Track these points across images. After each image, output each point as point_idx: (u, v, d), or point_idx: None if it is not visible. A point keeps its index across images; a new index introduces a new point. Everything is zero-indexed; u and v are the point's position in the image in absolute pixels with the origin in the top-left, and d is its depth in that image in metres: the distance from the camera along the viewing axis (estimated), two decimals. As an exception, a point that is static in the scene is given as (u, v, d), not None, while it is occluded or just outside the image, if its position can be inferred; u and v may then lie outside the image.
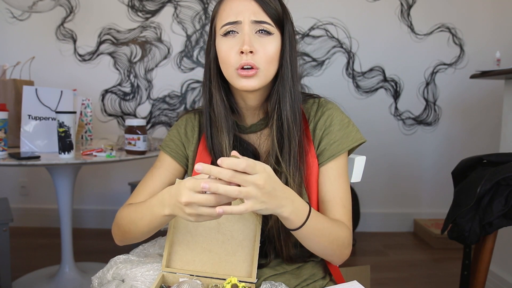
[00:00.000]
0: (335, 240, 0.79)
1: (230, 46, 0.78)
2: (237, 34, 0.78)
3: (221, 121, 0.85)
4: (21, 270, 2.06)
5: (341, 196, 0.84)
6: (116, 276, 0.87)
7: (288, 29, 0.81)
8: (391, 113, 2.94)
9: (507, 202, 1.16)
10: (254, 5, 0.78)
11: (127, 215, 0.84)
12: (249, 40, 0.77)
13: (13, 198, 2.79)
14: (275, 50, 0.79)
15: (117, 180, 2.93)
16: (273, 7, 0.79)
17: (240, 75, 0.78)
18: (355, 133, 0.87)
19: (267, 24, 0.78)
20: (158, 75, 2.85)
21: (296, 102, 0.83)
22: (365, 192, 2.89)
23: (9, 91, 1.72)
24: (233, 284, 0.75)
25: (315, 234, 0.76)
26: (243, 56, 0.77)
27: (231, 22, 0.78)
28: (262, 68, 0.78)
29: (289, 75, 0.81)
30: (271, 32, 0.79)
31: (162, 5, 2.80)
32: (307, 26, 2.84)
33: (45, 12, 2.26)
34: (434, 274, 2.27)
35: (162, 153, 0.95)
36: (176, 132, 0.95)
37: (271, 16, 0.78)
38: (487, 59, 2.72)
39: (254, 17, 0.77)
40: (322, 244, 0.78)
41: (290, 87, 0.82)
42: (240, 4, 0.78)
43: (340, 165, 0.86)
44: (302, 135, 0.85)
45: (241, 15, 0.77)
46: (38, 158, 1.47)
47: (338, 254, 0.82)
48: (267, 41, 0.78)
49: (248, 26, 0.77)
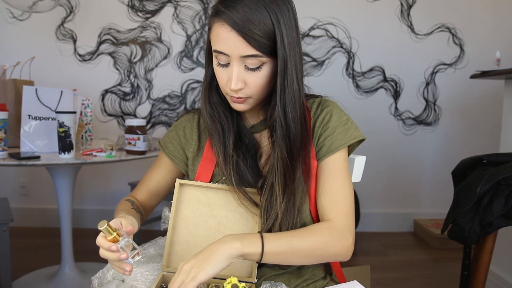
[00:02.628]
0: (314, 247, 0.77)
1: (222, 76, 0.79)
2: (228, 65, 0.77)
3: (222, 121, 0.86)
4: (21, 270, 2.06)
5: (332, 192, 0.82)
6: (116, 276, 0.87)
7: (282, 49, 0.74)
8: (391, 113, 2.94)
9: (507, 202, 1.16)
10: (240, 39, 0.72)
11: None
12: (236, 79, 0.76)
13: (13, 198, 2.79)
14: (266, 78, 0.77)
15: (117, 180, 2.93)
16: (261, 35, 0.72)
17: (232, 100, 0.81)
18: (353, 130, 0.86)
19: (255, 58, 0.74)
20: (158, 75, 2.85)
21: (296, 120, 0.79)
22: (365, 192, 2.89)
23: (9, 91, 1.72)
24: (233, 284, 0.75)
25: (283, 255, 0.75)
26: (232, 91, 0.78)
27: (220, 52, 0.76)
28: (253, 96, 0.79)
29: (284, 99, 0.78)
30: (261, 64, 0.75)
31: (162, 5, 2.80)
32: (307, 26, 2.84)
33: (45, 12, 2.26)
34: (434, 274, 2.27)
35: (162, 154, 0.98)
36: (175, 134, 0.96)
37: (259, 48, 0.73)
38: (487, 59, 2.73)
39: (242, 52, 0.73)
40: (299, 258, 0.77)
41: (284, 110, 0.78)
42: (226, 36, 0.73)
43: (338, 160, 0.84)
44: (305, 139, 0.82)
45: (229, 49, 0.74)
46: (38, 158, 1.47)
47: (328, 257, 0.80)
48: (257, 73, 0.76)
49: (237, 61, 0.75)
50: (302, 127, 0.81)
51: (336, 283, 0.91)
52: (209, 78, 0.86)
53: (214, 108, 0.87)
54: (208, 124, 0.87)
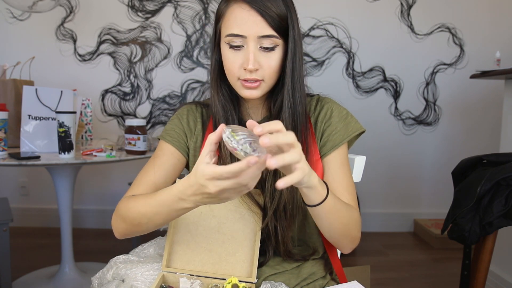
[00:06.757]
0: (350, 219, 0.79)
1: (235, 59, 0.79)
2: (242, 47, 0.78)
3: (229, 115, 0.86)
4: (21, 270, 2.06)
5: (346, 183, 0.85)
6: (116, 276, 0.87)
7: (293, 32, 0.79)
8: (391, 113, 2.94)
9: (507, 202, 1.16)
10: (259, 18, 0.75)
11: (134, 209, 0.78)
12: (253, 59, 0.77)
13: (13, 198, 2.79)
14: (279, 61, 0.80)
15: (117, 180, 2.93)
16: (277, 15, 0.76)
17: (244, 86, 0.80)
18: (354, 123, 0.89)
19: (272, 38, 0.77)
20: (158, 75, 2.85)
21: (301, 103, 0.83)
22: (365, 192, 2.89)
23: (9, 91, 1.72)
24: (233, 284, 0.75)
25: (333, 212, 0.74)
26: (247, 72, 0.78)
27: (236, 35, 0.77)
28: (266, 79, 0.80)
29: (292, 80, 0.81)
30: (275, 45, 0.78)
31: (162, 5, 2.80)
32: (307, 26, 2.84)
33: (45, 12, 2.26)
34: (434, 274, 2.27)
35: (162, 143, 0.91)
36: (178, 121, 0.93)
37: (275, 28, 0.76)
38: (487, 59, 2.72)
39: (259, 32, 0.76)
40: (339, 223, 0.77)
41: (292, 91, 0.82)
42: (244, 16, 0.76)
43: (342, 155, 0.87)
44: (308, 134, 0.85)
45: (246, 30, 0.76)
46: (38, 158, 1.47)
47: (352, 236, 0.81)
48: (271, 55, 0.78)
49: (253, 42, 0.76)
50: (304, 109, 0.85)
51: (336, 282, 0.91)
52: (218, 70, 0.86)
53: (225, 99, 0.86)
54: (219, 115, 0.86)
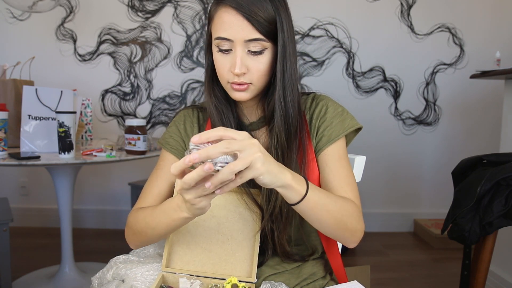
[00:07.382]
0: (343, 211, 0.77)
1: (223, 63, 0.79)
2: (231, 51, 0.78)
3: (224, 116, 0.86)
4: (21, 270, 2.06)
5: (344, 177, 0.84)
6: (116, 276, 0.87)
7: (282, 35, 0.78)
8: (391, 113, 2.94)
9: (507, 202, 1.16)
10: (245, 23, 0.75)
11: (142, 220, 0.83)
12: (240, 63, 0.77)
13: (13, 198, 2.79)
14: (268, 64, 0.79)
15: (117, 180, 2.93)
16: (264, 19, 0.75)
17: (233, 88, 0.81)
18: (350, 120, 0.88)
19: (259, 42, 0.76)
20: (158, 75, 2.85)
21: (293, 105, 0.82)
22: (365, 192, 2.89)
23: (9, 91, 1.72)
24: (233, 284, 0.75)
25: (319, 207, 0.73)
26: (235, 76, 0.78)
27: (223, 38, 0.77)
28: (255, 82, 0.80)
29: (283, 83, 0.80)
30: (263, 48, 0.78)
31: (162, 5, 2.80)
32: (307, 26, 2.84)
33: (45, 12, 2.25)
34: (434, 274, 2.27)
35: (164, 152, 0.95)
36: (175, 129, 0.95)
37: (262, 31, 0.76)
38: (487, 59, 2.72)
39: (246, 36, 0.75)
40: (329, 217, 0.75)
41: (283, 93, 0.81)
42: (231, 20, 0.75)
43: (339, 149, 0.86)
44: (304, 135, 0.85)
45: (233, 34, 0.76)
46: (38, 158, 1.47)
47: (350, 228, 0.79)
48: (260, 58, 0.78)
49: (241, 46, 0.76)
50: (298, 111, 0.84)
51: (336, 282, 0.91)
52: (211, 72, 0.86)
53: (218, 100, 0.87)
54: (214, 117, 0.87)
